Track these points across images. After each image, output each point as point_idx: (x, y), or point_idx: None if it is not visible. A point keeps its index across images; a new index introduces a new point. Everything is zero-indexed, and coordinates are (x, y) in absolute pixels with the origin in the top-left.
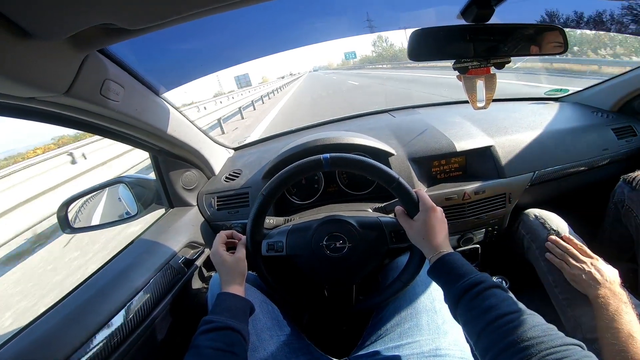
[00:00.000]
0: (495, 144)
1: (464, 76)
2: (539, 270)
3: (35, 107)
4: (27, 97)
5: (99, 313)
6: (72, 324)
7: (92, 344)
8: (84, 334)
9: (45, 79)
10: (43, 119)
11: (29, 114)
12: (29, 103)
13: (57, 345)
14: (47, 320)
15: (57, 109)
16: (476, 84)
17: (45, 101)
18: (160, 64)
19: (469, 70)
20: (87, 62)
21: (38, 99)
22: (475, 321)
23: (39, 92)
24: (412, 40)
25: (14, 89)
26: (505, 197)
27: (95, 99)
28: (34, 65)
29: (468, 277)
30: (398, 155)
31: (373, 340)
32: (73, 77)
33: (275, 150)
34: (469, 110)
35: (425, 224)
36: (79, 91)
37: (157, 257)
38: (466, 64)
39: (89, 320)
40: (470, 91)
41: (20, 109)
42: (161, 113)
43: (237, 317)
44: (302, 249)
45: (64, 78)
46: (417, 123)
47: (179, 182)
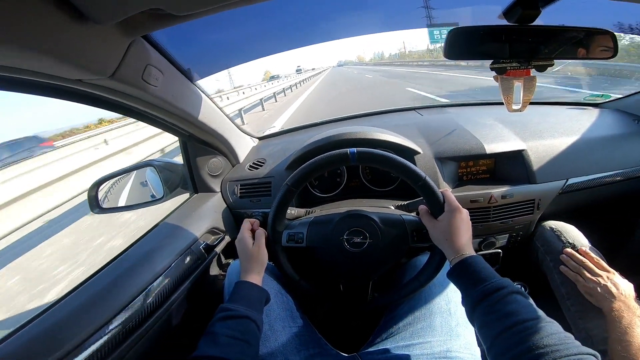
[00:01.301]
0: (528, 148)
1: (501, 77)
2: (552, 281)
3: (80, 89)
4: (74, 79)
5: (121, 295)
6: (95, 305)
7: (111, 326)
8: (105, 316)
9: (94, 62)
10: (85, 101)
11: (73, 96)
12: (75, 85)
13: (79, 327)
14: (70, 302)
15: (100, 91)
16: (514, 85)
17: (91, 84)
18: (196, 52)
19: (507, 71)
20: (132, 47)
21: (84, 81)
22: (493, 325)
23: (86, 74)
24: (450, 38)
25: (64, 70)
26: (534, 204)
27: (137, 83)
28: (85, 48)
29: (490, 281)
30: (424, 154)
31: (384, 338)
32: (119, 61)
33: (300, 142)
34: (501, 112)
35: (450, 225)
36: (123, 75)
37: (179, 242)
38: (505, 64)
39: (110, 303)
40: (507, 93)
41: (66, 91)
42: (194, 100)
43: (254, 306)
44: (322, 242)
45: (111, 62)
46: (446, 122)
47: (205, 168)
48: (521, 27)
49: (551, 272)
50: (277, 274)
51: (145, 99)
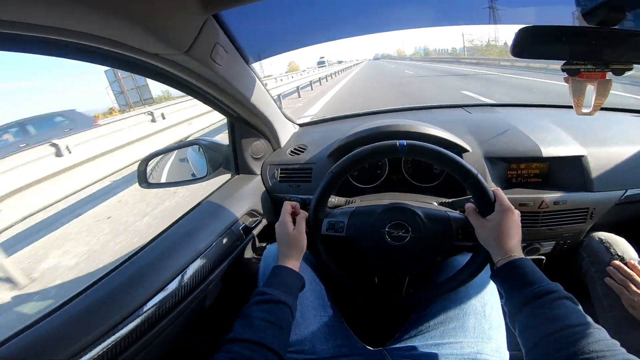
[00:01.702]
0: (588, 154)
1: (572, 78)
2: (594, 293)
3: (153, 64)
4: (152, 54)
5: (161, 275)
6: (135, 285)
7: (149, 305)
8: (144, 296)
9: (174, 36)
10: (155, 76)
11: (146, 71)
12: (152, 60)
13: (119, 305)
14: (111, 281)
15: (171, 68)
16: (586, 88)
17: (166, 59)
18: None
19: (580, 73)
20: (206, 24)
21: (161, 55)
22: (539, 328)
23: (164, 48)
24: (520, 36)
25: (146, 43)
26: (588, 213)
27: (205, 61)
28: (167, 21)
29: (540, 285)
30: (473, 153)
31: (412, 335)
32: (194, 38)
33: (342, 131)
34: (558, 115)
35: (500, 225)
36: (196, 52)
37: (221, 221)
38: (579, 66)
39: (150, 282)
40: (577, 95)
41: (141, 65)
42: (249, 82)
43: (290, 292)
44: (362, 233)
45: (188, 37)
46: (497, 122)
47: (248, 150)
48: (602, 30)
49: (594, 283)
50: (312, 262)
51: (209, 77)
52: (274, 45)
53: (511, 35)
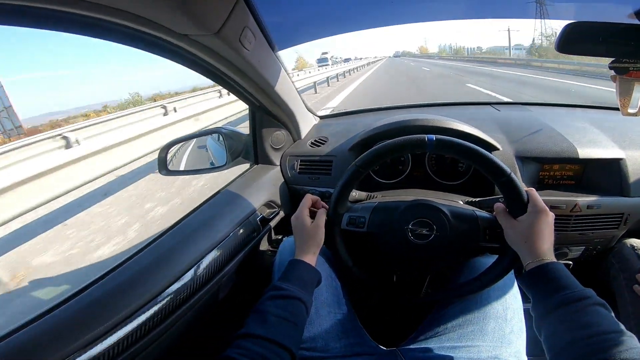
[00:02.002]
0: (627, 158)
1: (620, 77)
2: (620, 299)
3: (182, 46)
4: (182, 35)
5: (179, 263)
6: (153, 272)
7: (164, 294)
8: (161, 285)
9: (204, 16)
10: (182, 60)
11: (174, 54)
12: (180, 42)
13: (136, 294)
14: (128, 268)
15: (199, 51)
16: (633, 87)
17: (195, 41)
18: (282, 22)
19: (629, 71)
20: (237, 6)
21: (191, 36)
22: (568, 333)
23: (194, 28)
24: (567, 31)
25: (177, 22)
26: (622, 218)
27: (234, 44)
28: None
29: (573, 290)
30: (503, 151)
31: (428, 336)
32: (225, 19)
33: (363, 125)
34: (595, 116)
35: (532, 226)
36: (226, 34)
37: (239, 211)
38: (628, 64)
39: (167, 271)
40: (625, 95)
41: (169, 49)
42: (274, 70)
43: (306, 288)
44: (384, 229)
45: (218, 18)
46: (530, 120)
47: (268, 140)
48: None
49: (622, 290)
50: (329, 257)
51: (236, 62)
52: (299, 33)
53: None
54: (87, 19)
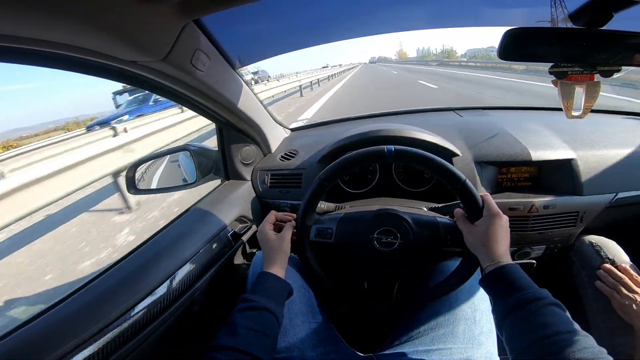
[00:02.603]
0: (578, 158)
1: (561, 81)
2: (585, 296)
3: (132, 71)
4: (129, 61)
5: (148, 280)
6: (122, 290)
7: (136, 310)
8: (131, 301)
9: (149, 43)
10: (135, 83)
11: (125, 78)
12: (129, 67)
13: (106, 310)
14: (98, 285)
15: (150, 74)
16: (574, 91)
17: (143, 66)
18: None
19: (568, 75)
20: (185, 30)
21: (138, 62)
22: (525, 335)
23: (141, 55)
24: (507, 39)
25: (121, 50)
26: (578, 216)
27: (186, 68)
28: (142, 29)
29: (528, 291)
30: (463, 157)
31: (403, 341)
32: (172, 44)
33: (333, 136)
34: (548, 118)
35: (488, 230)
36: (175, 58)
37: (209, 228)
38: (566, 69)
39: (137, 287)
40: (567, 98)
41: (119, 72)
42: (235, 87)
43: (275, 299)
44: (351, 239)
45: (165, 44)
46: (488, 125)
47: (237, 156)
48: (590, 31)
49: (585, 287)
50: (301, 268)
51: (191, 83)
52: (261, 49)
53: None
54: (30, 51)
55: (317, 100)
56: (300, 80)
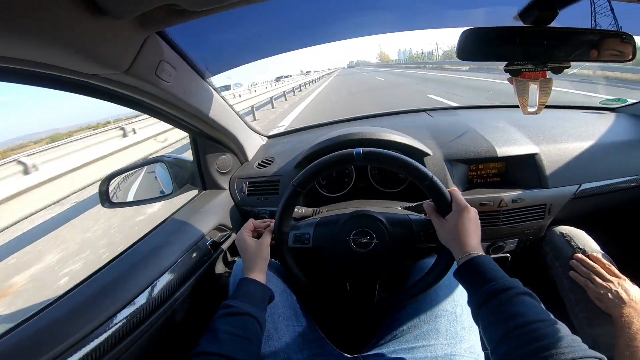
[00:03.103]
0: (541, 152)
1: (516, 79)
2: (561, 287)
3: (95, 84)
4: (90, 74)
5: (126, 290)
6: (100, 300)
7: (115, 320)
8: (110, 311)
9: (110, 57)
10: (100, 95)
11: (89, 90)
12: (91, 80)
13: (84, 320)
14: (76, 296)
15: (114, 87)
16: (529, 87)
17: (106, 79)
18: (208, 49)
19: (522, 73)
20: (147, 42)
21: (100, 75)
22: (499, 325)
23: (102, 69)
24: (463, 39)
25: (82, 65)
26: (545, 209)
27: (150, 79)
28: (102, 43)
29: (498, 281)
30: (434, 156)
31: (387, 340)
32: (134, 57)
33: (309, 141)
34: (514, 115)
35: (458, 224)
36: (138, 70)
37: (186, 238)
38: (520, 66)
39: (116, 297)
40: (522, 95)
41: (82, 85)
42: (205, 96)
43: (256, 303)
44: (328, 243)
45: (126, 57)
46: (457, 125)
47: (214, 165)
48: (537, 29)
49: (560, 278)
50: (282, 273)
51: (158, 94)
52: (231, 57)
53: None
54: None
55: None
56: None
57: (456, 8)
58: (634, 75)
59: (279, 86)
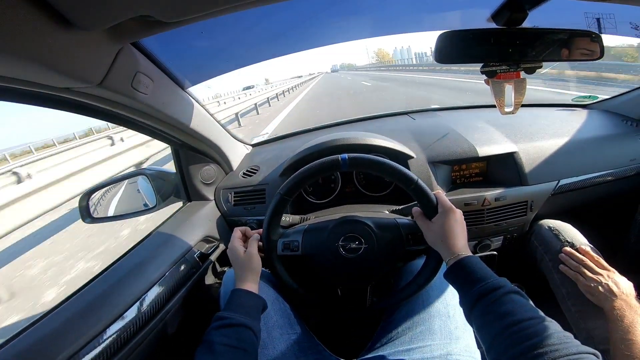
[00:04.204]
0: (519, 150)
1: (491, 80)
2: (552, 282)
3: (69, 97)
4: (63, 88)
5: (114, 305)
6: (87, 315)
7: (105, 336)
8: (99, 326)
9: (81, 70)
10: (74, 109)
11: (62, 104)
12: (64, 93)
13: (72, 337)
14: (62, 312)
15: (89, 100)
16: (505, 88)
17: (79, 92)
18: (187, 59)
19: (497, 74)
20: (121, 54)
21: (73, 89)
22: (491, 326)
23: (74, 82)
24: (440, 42)
25: (52, 78)
26: (527, 205)
27: (126, 91)
28: (73, 56)
29: (486, 281)
30: (417, 158)
31: (383, 343)
32: (107, 69)
33: (293, 148)
34: (492, 115)
35: (444, 226)
36: (112, 83)
37: (173, 251)
38: (495, 67)
39: (103, 313)
40: (498, 96)
41: (55, 99)
42: (186, 107)
43: (250, 314)
44: (317, 249)
45: (99, 69)
46: (438, 126)
47: (197, 176)
48: (509, 30)
49: (550, 272)
50: (274, 282)
51: (135, 106)
52: (212, 67)
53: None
54: None
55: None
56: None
57: (432, 12)
58: (604, 73)
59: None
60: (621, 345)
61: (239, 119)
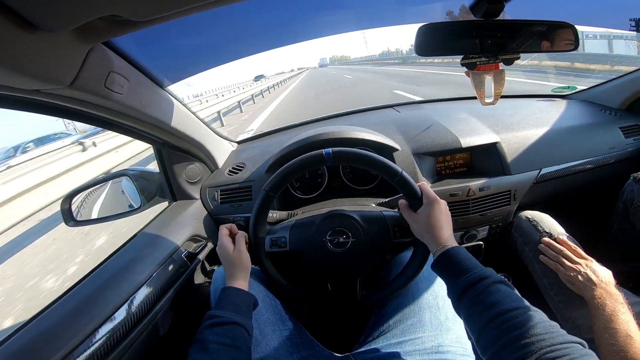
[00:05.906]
0: (501, 141)
1: (472, 72)
2: (534, 272)
3: (39, 99)
4: (31, 90)
5: (102, 307)
6: (76, 318)
7: (94, 338)
8: (88, 328)
9: (50, 71)
10: (47, 111)
11: (33, 106)
12: (33, 95)
13: (61, 340)
14: (50, 315)
15: (61, 101)
16: (485, 79)
17: (50, 93)
18: (165, 57)
19: (477, 66)
20: (92, 54)
21: (42, 91)
22: (478, 316)
23: (43, 84)
24: (419, 35)
25: (18, 81)
26: (510, 195)
27: (100, 92)
28: (39, 58)
29: (473, 272)
30: (402, 151)
31: (375, 337)
32: (78, 70)
33: (279, 144)
34: (475, 106)
35: (429, 217)
36: (84, 83)
37: (160, 251)
38: (474, 60)
39: (92, 315)
40: (479, 87)
41: (24, 101)
42: (165, 106)
43: (242, 311)
44: (305, 244)
45: (69, 70)
46: (423, 118)
47: (182, 175)
48: (488, 22)
49: (531, 263)
50: (263, 278)
51: (111, 107)
52: (191, 64)
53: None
54: None
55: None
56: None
57: (414, 4)
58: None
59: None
60: (605, 334)
61: (222, 117)
